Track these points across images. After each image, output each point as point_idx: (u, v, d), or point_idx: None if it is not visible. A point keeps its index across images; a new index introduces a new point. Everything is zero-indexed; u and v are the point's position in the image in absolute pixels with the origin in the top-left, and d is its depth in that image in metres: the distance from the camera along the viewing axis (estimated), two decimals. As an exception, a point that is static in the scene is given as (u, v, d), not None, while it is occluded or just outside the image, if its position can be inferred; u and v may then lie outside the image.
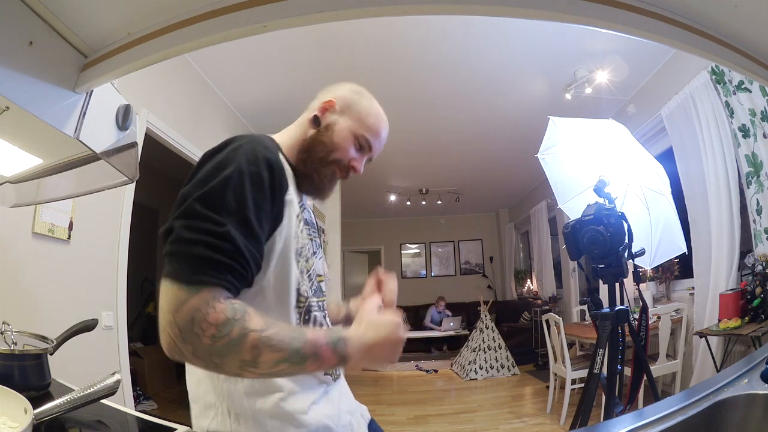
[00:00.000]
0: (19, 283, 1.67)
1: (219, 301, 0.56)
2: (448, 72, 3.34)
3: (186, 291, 0.55)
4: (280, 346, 0.57)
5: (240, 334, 0.55)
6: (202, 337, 0.54)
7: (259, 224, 0.64)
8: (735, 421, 0.75)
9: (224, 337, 0.54)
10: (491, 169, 6.01)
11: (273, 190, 0.68)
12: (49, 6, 0.72)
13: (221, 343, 0.54)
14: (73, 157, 0.97)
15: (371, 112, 0.86)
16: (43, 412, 0.81)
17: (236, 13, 0.71)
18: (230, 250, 0.58)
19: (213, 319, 0.54)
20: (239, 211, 0.61)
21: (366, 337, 0.64)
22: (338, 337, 0.62)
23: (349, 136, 0.83)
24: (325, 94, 0.88)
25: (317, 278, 0.83)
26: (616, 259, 1.76)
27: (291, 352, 0.58)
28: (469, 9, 0.79)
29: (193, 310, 0.54)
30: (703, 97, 2.75)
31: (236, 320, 0.56)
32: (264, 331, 0.57)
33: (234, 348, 0.55)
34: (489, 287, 8.33)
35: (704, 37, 0.84)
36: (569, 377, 3.15)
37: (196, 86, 3.14)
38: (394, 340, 0.65)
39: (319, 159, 0.82)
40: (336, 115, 0.85)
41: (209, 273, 0.57)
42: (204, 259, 0.57)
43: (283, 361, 0.57)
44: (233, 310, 0.56)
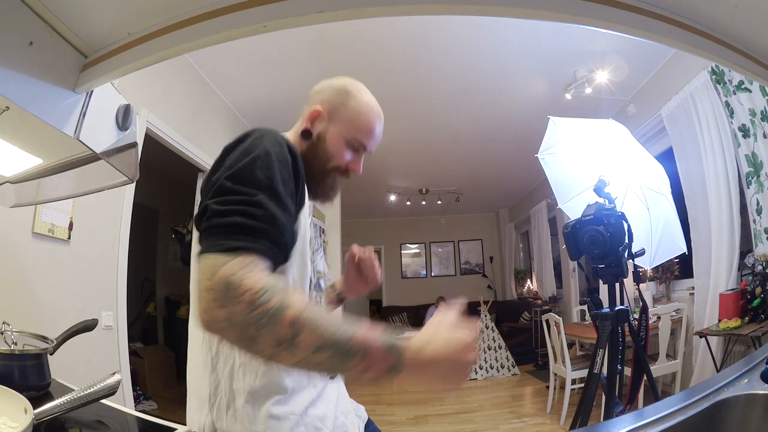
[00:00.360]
0: (19, 283, 1.67)
1: (257, 267, 0.54)
2: (448, 72, 3.34)
3: (222, 257, 0.53)
4: (322, 330, 0.51)
5: (279, 305, 0.50)
6: (238, 303, 0.50)
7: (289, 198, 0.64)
8: (735, 421, 0.75)
9: (262, 305, 0.50)
10: (491, 169, 6.01)
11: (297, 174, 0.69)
12: (49, 6, 0.72)
13: (258, 311, 0.50)
14: (73, 157, 0.97)
15: (360, 111, 0.84)
16: (43, 412, 0.81)
17: (236, 13, 0.71)
18: (265, 216, 0.58)
19: (249, 284, 0.51)
20: (270, 185, 0.61)
21: (428, 350, 0.54)
22: (394, 342, 0.54)
23: (341, 143, 0.83)
24: (314, 97, 0.86)
25: (317, 274, 0.85)
26: (616, 259, 1.76)
27: (336, 340, 0.51)
28: (470, 9, 0.79)
29: (228, 274, 0.51)
30: (703, 97, 2.75)
31: (275, 290, 0.51)
32: (305, 310, 0.51)
33: (272, 319, 0.50)
34: (489, 287, 8.33)
35: (704, 37, 0.85)
36: (569, 377, 3.15)
37: (196, 86, 3.14)
38: (460, 362, 0.55)
39: (318, 170, 0.83)
40: (325, 123, 0.83)
41: (245, 239, 0.55)
42: (239, 225, 0.56)
43: (324, 349, 0.51)
44: (272, 282, 0.53)
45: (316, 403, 0.77)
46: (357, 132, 0.83)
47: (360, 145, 0.84)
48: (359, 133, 0.83)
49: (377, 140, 0.87)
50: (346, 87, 0.85)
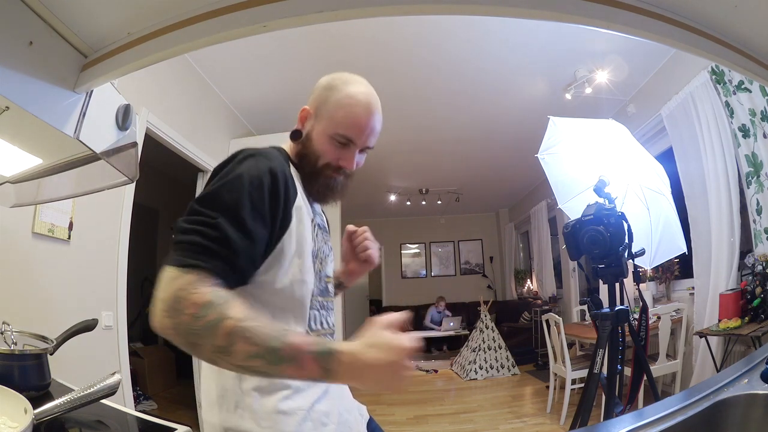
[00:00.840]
0: (19, 283, 1.67)
1: (204, 284, 0.58)
2: (448, 72, 3.34)
3: (176, 272, 0.59)
4: (255, 340, 0.55)
5: (217, 318, 0.55)
6: (182, 315, 0.56)
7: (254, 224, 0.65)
8: (735, 421, 0.75)
9: (202, 318, 0.55)
10: (491, 169, 6.01)
11: (275, 195, 0.69)
12: (49, 6, 0.72)
13: (199, 324, 0.55)
14: (73, 157, 0.97)
15: (341, 104, 0.80)
16: (43, 412, 0.81)
17: (236, 13, 0.71)
18: (219, 238, 0.61)
19: (194, 299, 0.56)
20: (233, 209, 0.64)
21: (365, 357, 0.57)
22: (328, 349, 0.57)
23: (325, 139, 0.81)
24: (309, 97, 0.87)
25: (326, 279, 0.86)
26: (616, 259, 1.76)
27: (267, 349, 0.56)
28: (470, 9, 0.79)
29: (178, 288, 0.57)
30: (703, 97, 2.75)
31: (217, 305, 0.56)
32: (242, 321, 0.56)
33: (210, 331, 0.55)
34: (489, 287, 8.33)
35: (704, 37, 0.85)
36: (569, 377, 3.15)
37: (196, 86, 3.14)
38: (396, 367, 0.57)
39: (310, 170, 0.82)
40: (312, 122, 0.83)
41: (198, 257, 0.60)
42: (194, 244, 0.61)
43: (257, 357, 0.56)
44: (216, 295, 0.58)
45: (322, 400, 0.78)
46: (338, 126, 0.80)
47: (345, 139, 0.80)
48: (340, 127, 0.80)
49: (369, 132, 0.82)
50: (331, 82, 0.83)
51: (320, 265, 0.81)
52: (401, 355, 0.57)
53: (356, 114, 0.80)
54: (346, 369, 0.57)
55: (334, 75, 0.86)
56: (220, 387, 0.74)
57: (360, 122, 0.80)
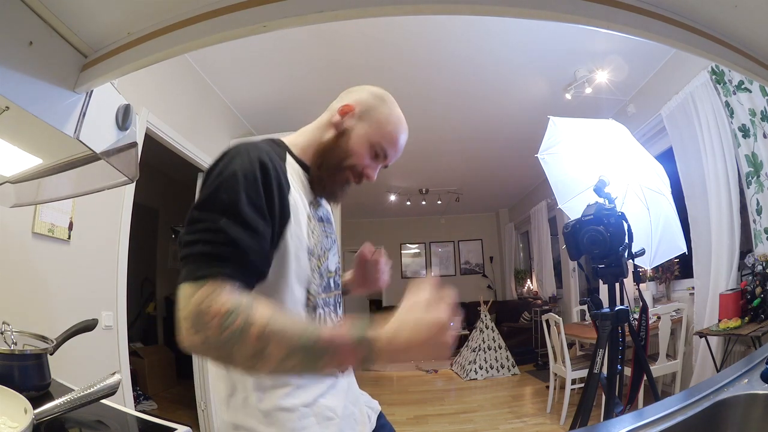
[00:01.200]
0: (19, 283, 1.67)
1: (223, 292, 0.56)
2: (448, 72, 3.34)
3: (192, 287, 0.57)
4: (287, 338, 0.54)
5: (243, 324, 0.54)
6: (209, 329, 0.54)
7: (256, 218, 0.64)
8: (735, 421, 0.75)
9: (229, 327, 0.54)
10: (491, 169, 6.01)
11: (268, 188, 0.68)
12: (49, 6, 0.72)
13: (227, 333, 0.54)
14: (73, 157, 0.97)
15: (391, 119, 0.84)
16: (43, 412, 0.81)
17: (236, 13, 0.71)
18: (226, 242, 0.60)
19: (216, 310, 0.54)
20: (232, 207, 0.62)
21: (399, 338, 0.56)
22: (362, 335, 0.56)
23: (366, 144, 0.82)
24: (347, 96, 0.87)
25: (328, 274, 0.84)
26: (616, 259, 1.76)
27: (301, 345, 0.54)
28: (470, 9, 0.79)
29: (197, 303, 0.55)
30: (703, 97, 2.75)
31: (240, 311, 0.55)
32: (270, 323, 0.54)
33: (239, 339, 0.54)
34: (489, 287, 8.33)
35: (704, 37, 0.84)
36: (569, 377, 3.15)
37: (196, 86, 3.14)
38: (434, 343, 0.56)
39: (334, 164, 0.82)
40: (354, 120, 0.84)
41: (210, 266, 0.58)
42: (204, 255, 0.59)
43: (293, 356, 0.54)
44: (237, 302, 0.56)
45: (327, 394, 0.78)
46: (383, 137, 0.83)
47: (382, 151, 0.84)
48: (384, 139, 0.83)
49: (398, 153, 0.87)
50: (382, 94, 0.87)
51: (318, 261, 0.79)
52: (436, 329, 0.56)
53: (399, 134, 0.85)
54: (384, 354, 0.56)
55: (381, 90, 0.88)
56: (229, 385, 0.75)
57: (399, 144, 0.86)
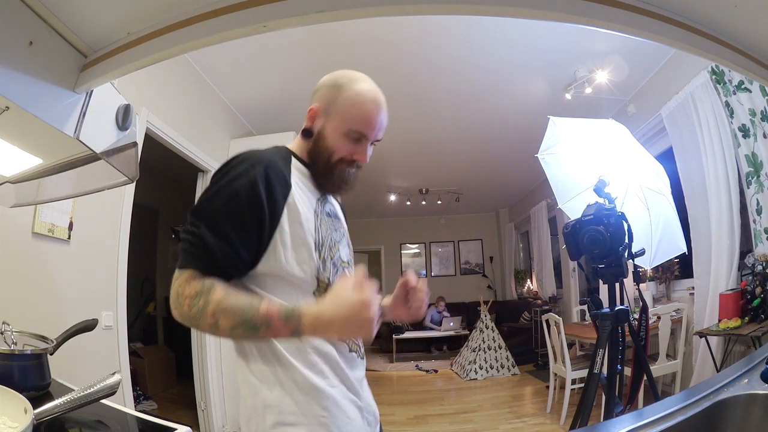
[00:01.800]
0: (19, 283, 1.67)
1: (194, 279, 0.72)
2: (448, 72, 3.34)
3: (177, 273, 0.74)
4: (231, 313, 0.69)
5: (204, 303, 0.70)
6: (183, 306, 0.71)
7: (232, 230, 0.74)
8: (735, 421, 0.75)
9: (194, 306, 0.70)
10: (491, 169, 6.01)
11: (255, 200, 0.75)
12: (49, 6, 0.72)
13: (194, 310, 0.70)
14: (73, 157, 0.97)
15: (353, 101, 0.85)
16: (43, 412, 0.81)
17: (236, 13, 0.71)
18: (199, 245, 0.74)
19: (187, 293, 0.71)
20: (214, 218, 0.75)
21: (325, 314, 0.68)
22: (291, 310, 0.69)
23: (340, 136, 0.85)
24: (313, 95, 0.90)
25: (341, 264, 0.89)
26: (616, 259, 1.76)
27: (243, 320, 0.68)
28: (470, 9, 0.79)
29: (177, 286, 0.73)
30: (703, 97, 2.75)
31: (203, 293, 0.70)
32: (221, 302, 0.69)
33: (201, 314, 0.69)
34: (489, 287, 8.32)
35: (704, 37, 0.84)
36: (569, 377, 3.15)
37: (196, 86, 3.14)
38: (357, 320, 0.66)
39: (324, 164, 0.87)
40: (322, 120, 0.87)
41: (189, 261, 0.74)
42: (186, 251, 0.75)
43: (238, 327, 0.69)
44: (202, 285, 0.71)
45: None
46: (352, 123, 0.85)
47: (359, 134, 0.85)
48: (355, 124, 0.85)
49: (379, 126, 0.87)
50: (338, 80, 0.87)
51: (329, 252, 0.85)
52: (359, 306, 0.66)
53: (368, 110, 0.85)
54: (311, 326, 0.68)
55: (338, 73, 0.89)
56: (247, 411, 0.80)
57: (371, 118, 0.86)
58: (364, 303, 0.66)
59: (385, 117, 0.88)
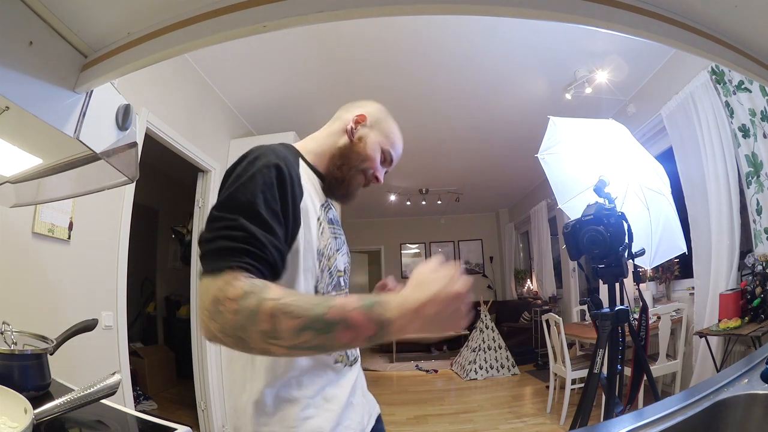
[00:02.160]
0: (19, 283, 1.67)
1: (239, 280, 0.58)
2: (448, 72, 3.34)
3: (211, 279, 0.60)
4: (298, 312, 0.55)
5: (256, 304, 0.55)
6: (225, 314, 0.56)
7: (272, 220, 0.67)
8: (735, 421, 0.75)
9: (242, 309, 0.55)
10: (491, 169, 6.01)
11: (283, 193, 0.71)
12: (49, 6, 0.72)
13: (242, 315, 0.55)
14: (73, 157, 0.97)
15: (394, 130, 0.98)
16: (43, 412, 0.81)
17: (236, 13, 0.71)
18: (244, 237, 0.63)
19: (232, 295, 0.56)
20: (250, 208, 0.66)
21: (411, 297, 0.55)
22: (373, 301, 0.56)
23: (378, 149, 0.94)
24: (355, 107, 0.97)
25: (337, 274, 0.87)
26: (616, 259, 1.76)
27: (313, 318, 0.55)
28: (470, 9, 0.79)
29: (216, 291, 0.58)
30: (703, 97, 2.75)
31: (254, 292, 0.57)
32: (281, 299, 0.56)
33: (252, 318, 0.55)
34: (489, 287, 8.33)
35: (704, 37, 0.84)
36: (569, 377, 3.15)
37: (196, 86, 3.14)
38: (447, 297, 0.55)
39: (352, 167, 0.91)
40: (367, 129, 0.94)
41: (228, 259, 0.61)
42: (222, 249, 0.62)
43: (305, 329, 0.54)
44: (251, 284, 0.58)
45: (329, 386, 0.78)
46: (390, 145, 0.96)
47: (389, 156, 0.97)
48: (392, 146, 0.96)
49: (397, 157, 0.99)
50: (384, 109, 0.99)
51: (327, 261, 0.83)
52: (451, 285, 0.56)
53: (400, 143, 1.00)
54: (399, 314, 0.55)
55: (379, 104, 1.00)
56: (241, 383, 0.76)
57: (400, 151, 1.00)
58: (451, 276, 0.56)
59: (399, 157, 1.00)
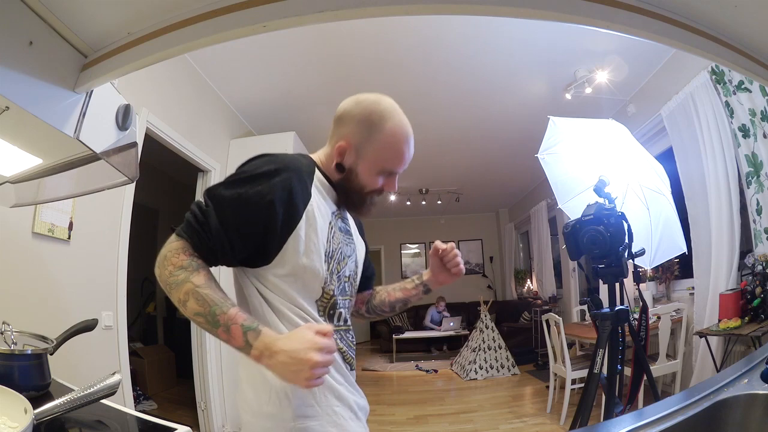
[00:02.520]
0: (19, 283, 1.67)
1: (185, 252, 0.75)
2: (448, 71, 3.34)
3: (173, 237, 0.78)
4: (203, 302, 0.71)
5: (183, 279, 0.72)
6: (165, 270, 0.74)
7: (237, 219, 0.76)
8: (735, 421, 0.75)
9: (174, 276, 0.73)
10: (491, 169, 6.01)
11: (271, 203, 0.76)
12: (49, 6, 0.72)
13: (171, 279, 0.73)
14: (73, 157, 0.97)
15: (386, 142, 0.85)
16: (43, 412, 0.81)
17: (236, 13, 0.71)
18: (203, 223, 0.76)
19: (173, 262, 0.74)
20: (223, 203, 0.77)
21: (277, 342, 0.69)
22: (255, 326, 0.71)
23: (373, 174, 0.88)
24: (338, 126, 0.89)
25: (344, 279, 0.91)
26: (616, 259, 1.76)
27: (209, 312, 0.71)
28: (470, 9, 0.79)
29: (168, 250, 0.76)
30: (703, 97, 2.75)
31: (186, 269, 0.73)
32: (199, 287, 0.72)
33: (177, 286, 0.73)
34: (489, 287, 8.33)
35: (704, 37, 0.84)
36: (569, 377, 3.15)
37: (196, 86, 3.14)
38: (300, 358, 0.66)
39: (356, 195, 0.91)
40: (353, 157, 0.87)
41: (186, 231, 0.77)
42: (187, 222, 0.77)
43: (201, 315, 0.71)
44: (189, 263, 0.74)
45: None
46: (385, 162, 0.87)
47: (390, 170, 0.89)
48: (387, 163, 0.88)
49: (409, 159, 0.91)
50: (368, 117, 0.85)
51: (337, 265, 0.88)
52: (308, 347, 0.66)
53: (401, 150, 0.88)
54: (263, 346, 0.69)
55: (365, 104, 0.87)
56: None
57: (404, 156, 0.89)
58: (314, 344, 0.67)
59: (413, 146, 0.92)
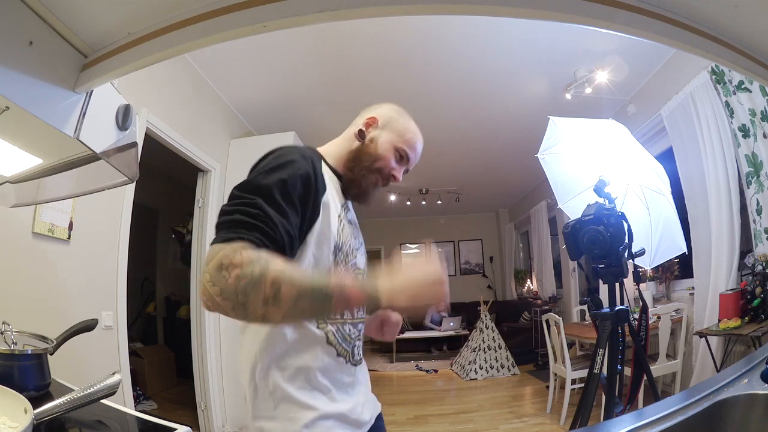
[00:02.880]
0: (19, 283, 1.67)
1: (247, 250, 0.62)
2: (447, 71, 3.34)
3: (220, 246, 0.63)
4: (300, 281, 0.61)
5: (261, 271, 0.59)
6: (228, 278, 0.59)
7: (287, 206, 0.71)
8: (735, 421, 0.75)
9: (247, 275, 0.59)
10: (491, 169, 6.01)
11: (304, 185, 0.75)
12: (49, 6, 0.72)
13: (245, 281, 0.58)
14: (73, 157, 0.97)
15: (409, 128, 0.99)
16: (43, 412, 0.81)
17: (236, 13, 0.71)
18: (259, 214, 0.67)
19: (238, 261, 0.59)
20: (268, 193, 0.71)
21: (397, 278, 0.65)
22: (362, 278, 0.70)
23: (390, 148, 0.95)
24: (369, 111, 1.00)
25: (357, 271, 0.91)
26: (616, 259, 1.76)
27: (313, 287, 0.61)
28: (470, 9, 0.79)
29: (221, 257, 0.60)
30: (703, 97, 2.75)
31: (259, 262, 0.60)
32: (285, 269, 0.61)
33: (256, 284, 0.59)
34: (489, 287, 8.33)
35: (704, 37, 0.84)
36: (569, 377, 3.15)
37: (196, 86, 3.14)
38: (431, 279, 0.65)
39: (365, 167, 0.93)
40: (378, 130, 0.97)
41: (240, 231, 0.65)
42: (237, 222, 0.67)
43: (305, 297, 0.60)
44: (258, 255, 0.62)
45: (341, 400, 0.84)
46: (404, 143, 0.97)
47: (405, 154, 0.97)
48: (406, 144, 0.97)
49: (417, 158, 1.01)
50: (399, 110, 1.02)
51: (345, 257, 0.87)
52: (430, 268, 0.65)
53: (417, 140, 1.01)
54: (386, 290, 0.64)
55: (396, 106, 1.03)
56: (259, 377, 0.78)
57: (417, 148, 1.01)
58: (437, 273, 0.65)
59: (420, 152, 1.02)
